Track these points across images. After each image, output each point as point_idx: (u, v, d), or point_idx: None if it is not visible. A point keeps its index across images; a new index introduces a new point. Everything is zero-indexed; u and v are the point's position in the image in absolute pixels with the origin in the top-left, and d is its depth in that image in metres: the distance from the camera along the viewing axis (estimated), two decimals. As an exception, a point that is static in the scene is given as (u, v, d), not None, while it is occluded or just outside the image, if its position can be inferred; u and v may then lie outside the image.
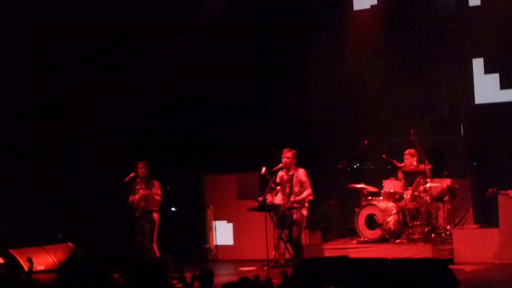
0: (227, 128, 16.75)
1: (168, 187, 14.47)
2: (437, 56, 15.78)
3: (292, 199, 13.40)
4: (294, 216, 13.45)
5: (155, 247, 13.64)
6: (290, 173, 13.53)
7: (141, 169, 13.76)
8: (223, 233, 15.88)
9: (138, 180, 13.78)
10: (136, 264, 12.27)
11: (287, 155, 13.49)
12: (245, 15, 16.55)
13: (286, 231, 13.63)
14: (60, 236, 16.02)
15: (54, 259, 14.40)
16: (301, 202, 13.50)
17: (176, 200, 16.44)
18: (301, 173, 13.55)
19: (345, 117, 16.69)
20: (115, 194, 13.75)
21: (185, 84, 16.83)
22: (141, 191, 13.69)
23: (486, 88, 15.38)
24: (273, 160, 13.68)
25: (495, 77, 15.29)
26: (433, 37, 15.90)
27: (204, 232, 15.95)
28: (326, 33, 16.52)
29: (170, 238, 14.63)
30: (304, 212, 13.53)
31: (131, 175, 13.76)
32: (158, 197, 13.73)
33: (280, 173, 13.66)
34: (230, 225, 15.80)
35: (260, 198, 13.59)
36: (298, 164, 13.69)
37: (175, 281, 11.02)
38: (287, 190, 13.55)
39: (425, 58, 15.91)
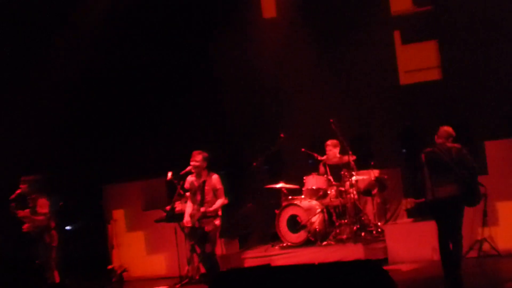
0: (128, 131, 16.36)
1: (61, 203, 13.64)
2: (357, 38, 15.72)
3: (203, 209, 12.38)
4: (206, 227, 12.37)
5: (56, 271, 12.85)
6: (202, 179, 12.50)
7: (21, 184, 13.00)
8: (128, 249, 15.12)
9: (30, 196, 12.96)
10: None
11: (196, 159, 12.46)
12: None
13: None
14: None
15: None
16: (214, 211, 12.52)
17: (73, 217, 15.97)
18: (214, 179, 12.48)
19: (260, 113, 16.61)
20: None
21: (80, 86, 16.24)
22: (24, 211, 13.02)
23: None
24: (180, 165, 12.76)
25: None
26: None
27: (106, 250, 15.17)
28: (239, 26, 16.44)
29: (68, 261, 13.71)
30: (217, 222, 12.46)
31: (18, 191, 12.86)
32: (39, 217, 12.73)
33: (190, 178, 12.62)
34: (137, 240, 15.12)
35: (168, 207, 13.05)
36: (212, 165, 12.78)
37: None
38: (198, 198, 12.43)
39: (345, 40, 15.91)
